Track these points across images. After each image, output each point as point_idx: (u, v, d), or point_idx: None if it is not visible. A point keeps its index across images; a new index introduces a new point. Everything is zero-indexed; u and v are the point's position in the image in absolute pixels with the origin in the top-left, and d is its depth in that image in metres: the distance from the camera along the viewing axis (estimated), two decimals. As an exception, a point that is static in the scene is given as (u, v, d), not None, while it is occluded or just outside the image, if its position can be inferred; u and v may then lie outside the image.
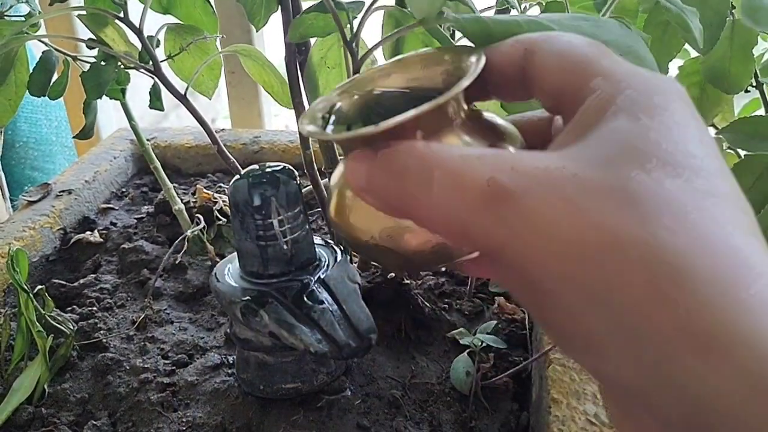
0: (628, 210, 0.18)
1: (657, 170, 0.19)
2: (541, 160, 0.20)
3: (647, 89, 0.21)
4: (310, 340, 0.40)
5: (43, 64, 0.53)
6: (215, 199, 0.67)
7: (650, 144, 0.20)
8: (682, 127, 0.20)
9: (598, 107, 0.21)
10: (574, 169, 0.19)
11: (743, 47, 0.48)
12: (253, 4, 0.42)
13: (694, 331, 0.17)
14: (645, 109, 0.20)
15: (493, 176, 0.19)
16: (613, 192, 0.19)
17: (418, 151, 0.21)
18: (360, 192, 0.23)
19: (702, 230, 0.18)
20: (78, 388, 0.49)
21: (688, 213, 0.18)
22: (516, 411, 0.46)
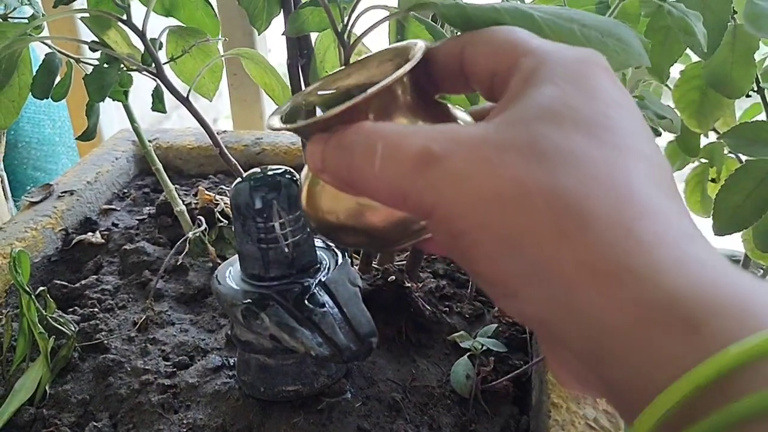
0: (537, 163, 0.20)
1: (568, 128, 0.21)
2: (468, 129, 0.22)
3: (567, 60, 0.23)
4: (311, 343, 0.40)
5: (46, 67, 0.53)
6: (217, 201, 0.67)
7: (565, 106, 0.21)
8: (598, 92, 0.22)
9: (523, 80, 0.23)
10: (494, 131, 0.22)
11: (745, 52, 0.48)
12: (255, 8, 0.43)
13: (593, 267, 0.19)
14: (563, 77, 0.22)
15: (425, 144, 0.22)
16: (525, 148, 0.21)
17: (364, 128, 0.23)
18: (318, 173, 0.25)
19: (605, 178, 0.20)
20: (79, 389, 0.49)
21: (594, 164, 0.20)
22: (516, 415, 0.46)
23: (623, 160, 0.21)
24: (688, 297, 0.18)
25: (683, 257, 0.19)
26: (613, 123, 0.21)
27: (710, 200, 0.64)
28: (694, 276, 0.18)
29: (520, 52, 0.24)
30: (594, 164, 0.20)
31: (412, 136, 0.22)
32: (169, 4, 0.54)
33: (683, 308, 0.18)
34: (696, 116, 0.55)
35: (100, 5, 0.50)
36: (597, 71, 0.23)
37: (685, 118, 0.56)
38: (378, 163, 0.22)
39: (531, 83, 0.23)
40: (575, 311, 0.19)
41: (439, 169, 0.21)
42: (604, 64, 0.23)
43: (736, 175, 0.46)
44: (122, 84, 0.56)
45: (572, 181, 0.20)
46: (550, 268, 0.19)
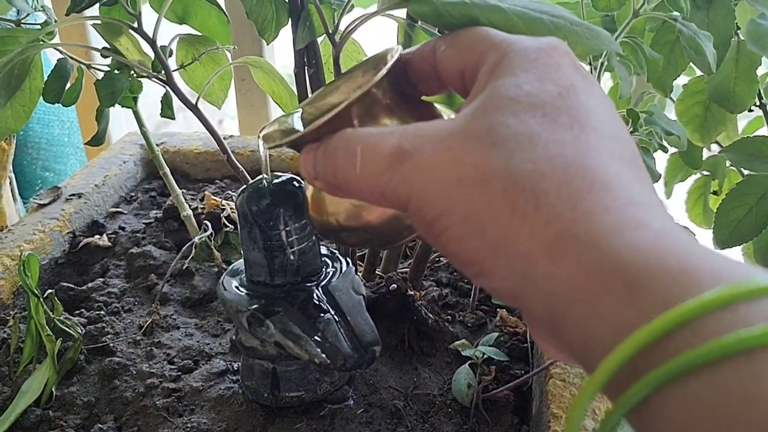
0: (494, 149, 0.22)
1: (524, 113, 0.22)
2: (436, 125, 0.24)
3: (528, 50, 0.24)
4: (314, 350, 0.40)
5: (58, 72, 0.53)
6: (223, 206, 0.68)
7: (522, 93, 0.23)
8: (555, 76, 0.23)
9: (487, 74, 0.25)
10: (457, 124, 0.23)
11: (748, 68, 0.49)
12: (264, 20, 0.43)
13: (544, 239, 0.20)
14: (522, 66, 0.24)
15: (397, 143, 0.23)
16: (484, 136, 0.22)
17: (345, 134, 0.25)
18: (311, 180, 0.27)
19: (558, 158, 0.21)
20: (85, 391, 0.50)
21: (548, 146, 0.22)
22: (516, 424, 0.46)
23: (576, 138, 0.22)
24: (628, 260, 0.19)
25: (626, 223, 0.20)
26: (567, 104, 0.23)
27: (712, 212, 0.64)
28: (636, 240, 0.19)
29: (486, 48, 0.25)
30: (547, 145, 0.22)
31: (387, 137, 0.24)
32: (182, 12, 0.55)
33: (623, 271, 0.19)
34: (699, 130, 0.56)
35: (112, 13, 0.51)
36: (556, 57, 0.24)
37: (688, 131, 0.56)
38: (358, 165, 0.24)
39: (493, 76, 0.24)
40: (533, 282, 0.20)
41: (410, 163, 0.23)
42: (565, 49, 0.25)
43: (737, 189, 0.46)
44: (132, 90, 0.57)
45: (526, 164, 0.21)
46: (510, 245, 0.21)
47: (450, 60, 0.27)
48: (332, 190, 0.27)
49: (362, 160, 0.24)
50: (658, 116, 0.44)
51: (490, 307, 0.58)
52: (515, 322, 0.55)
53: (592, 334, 0.19)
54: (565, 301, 0.20)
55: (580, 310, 0.19)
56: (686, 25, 0.38)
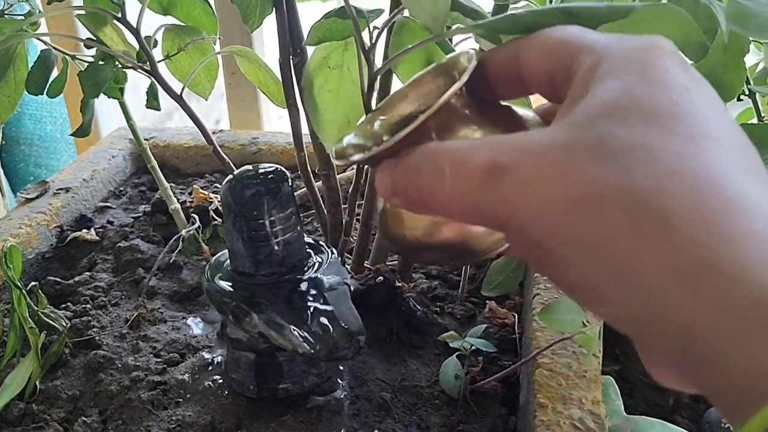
0: (608, 163, 0.19)
1: (636, 122, 0.20)
2: (533, 135, 0.22)
3: (628, 51, 0.22)
4: (298, 341, 0.40)
5: (41, 63, 0.53)
6: (211, 199, 0.67)
7: (630, 99, 0.20)
8: (664, 79, 0.21)
9: (585, 78, 0.22)
10: (560, 135, 0.21)
11: (736, 55, 0.48)
12: (248, 6, 0.43)
13: (676, 267, 0.18)
14: (626, 69, 0.21)
15: (491, 157, 0.21)
16: (593, 148, 0.20)
17: (429, 149, 0.23)
18: (390, 198, 0.25)
19: (683, 172, 0.19)
20: (69, 385, 0.50)
21: (670, 159, 0.19)
22: (504, 415, 0.46)
23: (699, 148, 0.19)
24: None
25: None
26: (682, 110, 0.20)
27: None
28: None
29: (577, 49, 0.23)
30: (668, 158, 0.19)
31: (478, 150, 0.22)
32: (167, 2, 0.54)
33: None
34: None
35: (96, 2, 0.50)
36: (661, 56, 0.22)
37: (678, 121, 0.55)
38: (447, 182, 0.22)
39: (593, 80, 0.22)
40: (662, 314, 0.18)
41: (508, 180, 0.21)
42: (669, 48, 0.22)
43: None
44: (117, 81, 0.56)
45: (647, 180, 0.19)
46: (632, 272, 0.19)
47: (537, 63, 0.25)
48: (415, 208, 0.25)
49: (452, 177, 0.22)
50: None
51: (480, 299, 0.58)
52: (504, 313, 0.54)
53: (736, 378, 0.17)
54: (704, 339, 0.18)
55: (722, 351, 0.17)
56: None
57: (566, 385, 0.42)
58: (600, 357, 0.44)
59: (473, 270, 0.60)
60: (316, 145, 0.52)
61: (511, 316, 0.54)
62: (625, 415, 0.47)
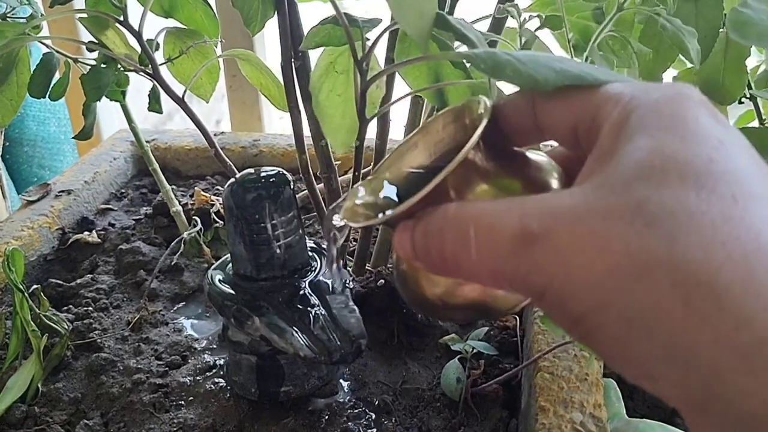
0: (651, 232, 0.18)
1: (676, 185, 0.19)
2: (564, 198, 0.20)
3: (657, 103, 0.21)
4: (300, 344, 0.40)
5: (43, 66, 0.53)
6: (212, 202, 0.68)
7: (666, 159, 0.19)
8: (698, 133, 0.20)
9: (613, 133, 0.21)
10: (595, 199, 0.20)
11: (736, 59, 0.49)
12: (250, 10, 0.43)
13: (735, 347, 0.17)
14: (657, 124, 0.20)
15: (522, 223, 0.20)
16: (635, 216, 0.19)
17: (452, 213, 0.22)
18: (410, 260, 0.24)
19: (730, 240, 0.18)
20: (71, 387, 0.50)
21: (715, 225, 0.18)
22: (505, 418, 0.46)
23: (744, 211, 0.18)
24: None
25: None
26: (720, 167, 0.19)
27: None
28: None
29: (602, 100, 0.22)
30: (713, 225, 0.18)
31: (505, 215, 0.21)
32: (168, 6, 0.54)
33: None
34: (690, 123, 0.55)
35: (98, 6, 0.51)
36: (692, 108, 0.20)
37: (678, 124, 0.56)
38: (474, 249, 0.21)
39: (623, 136, 0.21)
40: (722, 396, 0.17)
41: (542, 249, 0.20)
42: (698, 97, 0.21)
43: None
44: (119, 84, 0.56)
45: (694, 250, 0.18)
46: (687, 351, 0.17)
47: (556, 114, 0.23)
48: (438, 271, 0.24)
49: (478, 244, 0.21)
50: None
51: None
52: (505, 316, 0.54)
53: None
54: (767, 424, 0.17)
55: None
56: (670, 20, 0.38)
57: (567, 388, 0.42)
58: (601, 360, 0.44)
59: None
60: (317, 148, 0.52)
61: (512, 319, 0.54)
62: (627, 418, 0.47)
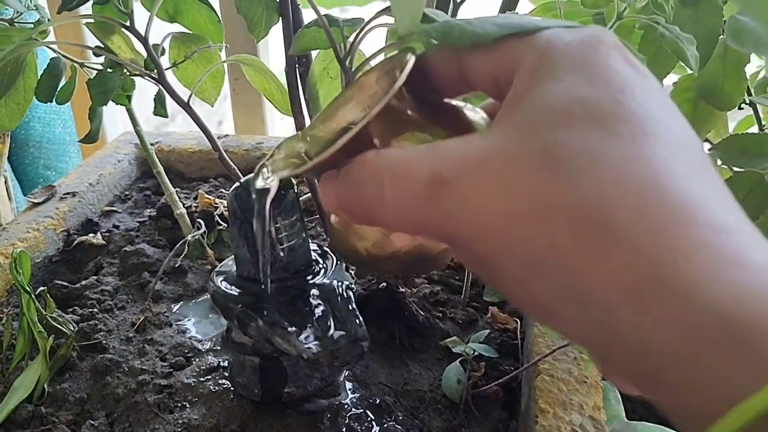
0: (552, 174, 0.18)
1: (580, 127, 0.19)
2: (474, 143, 0.21)
3: (569, 47, 0.21)
4: (302, 346, 0.41)
5: (50, 71, 0.54)
6: (216, 204, 0.68)
7: (573, 102, 0.19)
8: (606, 76, 0.20)
9: (526, 78, 0.21)
10: (502, 144, 0.20)
11: (736, 65, 0.49)
12: (254, 16, 0.43)
13: (625, 285, 0.17)
14: (567, 67, 0.20)
15: (432, 169, 0.20)
16: (538, 159, 0.19)
17: (368, 161, 0.22)
18: (334, 211, 0.24)
19: (627, 180, 0.18)
20: (77, 388, 0.50)
21: (612, 165, 0.18)
22: (505, 420, 0.47)
23: (642, 150, 0.18)
24: (732, 311, 0.16)
25: (721, 261, 0.17)
26: (625, 109, 0.19)
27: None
28: (737, 284, 0.16)
29: (521, 48, 0.22)
30: (611, 164, 0.18)
31: (418, 162, 0.21)
32: (173, 10, 0.55)
33: (728, 326, 0.16)
34: (689, 127, 0.56)
35: (104, 11, 0.51)
36: (603, 52, 0.21)
37: (678, 129, 0.56)
38: (388, 197, 0.21)
39: (533, 81, 0.21)
40: (616, 332, 0.18)
41: (451, 195, 0.20)
42: (612, 41, 0.21)
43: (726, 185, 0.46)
44: (125, 88, 0.57)
45: (590, 190, 0.18)
46: (581, 289, 0.18)
47: (479, 63, 0.23)
48: (359, 221, 0.24)
49: (392, 192, 0.21)
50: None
51: (481, 304, 0.58)
52: (505, 318, 0.55)
53: (693, 396, 0.17)
54: (658, 358, 0.17)
55: (678, 370, 0.17)
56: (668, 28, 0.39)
57: (567, 390, 0.42)
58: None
59: (475, 275, 0.61)
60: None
61: (512, 321, 0.55)
62: (626, 420, 0.47)
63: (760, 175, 0.46)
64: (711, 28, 0.46)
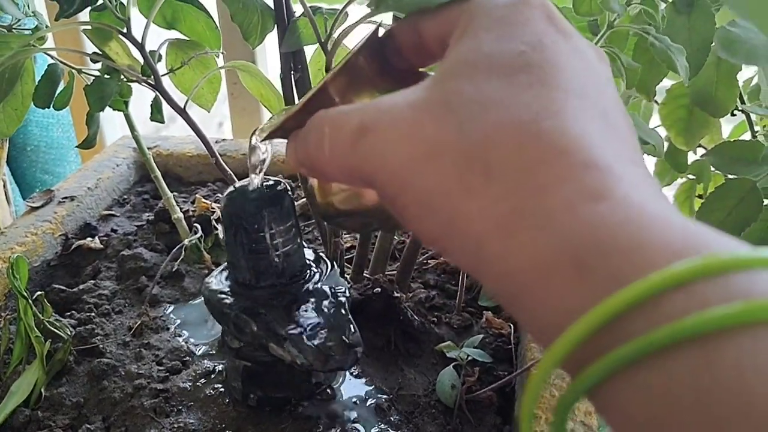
0: (447, 119, 0.20)
1: (481, 78, 0.20)
2: (398, 96, 0.22)
3: (492, 8, 0.22)
4: (296, 352, 0.41)
5: (48, 77, 0.54)
6: (213, 209, 0.69)
7: (479, 55, 0.21)
8: (517, 33, 0.21)
9: (454, 38, 0.23)
10: (415, 94, 0.22)
11: (728, 73, 0.49)
12: (249, 24, 0.44)
13: (497, 217, 0.19)
14: (486, 26, 0.22)
15: (360, 119, 0.22)
16: (439, 107, 0.21)
17: (318, 115, 0.24)
18: (296, 167, 0.26)
19: (510, 123, 0.19)
20: (74, 392, 0.51)
21: (500, 109, 0.20)
22: (499, 424, 0.47)
23: (534, 98, 0.20)
24: (578, 237, 0.17)
25: (581, 194, 0.18)
26: (528, 61, 0.20)
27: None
28: (589, 214, 0.18)
29: (460, 11, 0.24)
30: (501, 110, 0.20)
31: (353, 114, 0.22)
32: (171, 17, 0.56)
33: (572, 250, 0.17)
34: (683, 134, 0.56)
35: (102, 18, 0.52)
36: (525, 11, 0.22)
37: (672, 135, 0.57)
38: (326, 145, 0.23)
39: (457, 39, 0.22)
40: (486, 262, 0.19)
41: (369, 140, 0.22)
42: (540, 2, 0.22)
43: (717, 192, 0.47)
44: (122, 94, 0.57)
45: (476, 133, 0.20)
46: (461, 224, 0.20)
47: (430, 27, 0.25)
48: (312, 174, 0.26)
49: (329, 141, 0.23)
50: (636, 124, 0.44)
51: (476, 309, 0.58)
52: (500, 324, 0.55)
53: (544, 318, 0.18)
54: (516, 283, 0.19)
55: (532, 294, 0.18)
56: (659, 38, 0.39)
57: (559, 396, 0.42)
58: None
59: (471, 280, 0.61)
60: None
61: (507, 326, 0.55)
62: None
63: (752, 182, 0.46)
64: (703, 36, 0.47)
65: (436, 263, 0.64)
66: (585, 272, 0.17)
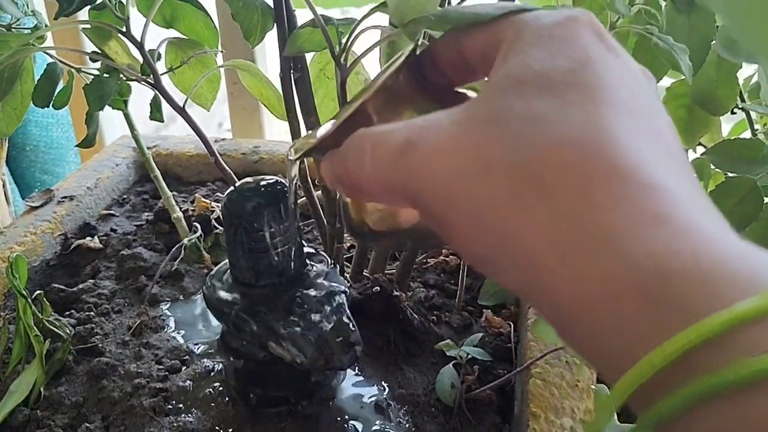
0: (499, 137, 0.20)
1: (531, 94, 0.20)
2: (445, 113, 0.22)
3: (544, 26, 0.22)
4: (296, 351, 0.41)
5: (47, 76, 0.54)
6: (213, 208, 0.68)
7: (530, 72, 0.21)
8: (569, 51, 0.21)
9: (502, 55, 0.23)
10: (463, 110, 0.21)
11: (729, 72, 0.49)
12: (249, 23, 0.44)
13: (551, 237, 0.18)
14: (536, 43, 0.22)
15: (405, 136, 0.22)
16: (488, 122, 0.20)
17: (358, 134, 0.24)
18: (333, 185, 0.25)
19: (568, 142, 0.19)
20: (73, 391, 0.50)
21: (555, 128, 0.19)
22: (498, 424, 0.47)
23: (587, 117, 0.19)
24: (641, 263, 0.17)
25: (642, 216, 0.18)
26: (580, 79, 0.20)
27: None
28: (651, 238, 0.17)
29: (505, 26, 0.24)
30: (554, 128, 0.19)
31: (396, 131, 0.22)
32: (170, 16, 0.56)
33: (635, 276, 0.17)
34: (683, 132, 0.56)
35: (101, 17, 0.52)
36: (573, 28, 0.22)
37: (672, 134, 0.56)
38: (367, 161, 0.23)
39: (505, 55, 0.22)
40: (540, 282, 0.19)
41: (415, 155, 0.21)
42: (587, 19, 0.22)
43: (718, 191, 0.47)
44: (121, 93, 0.57)
45: (530, 151, 0.19)
46: (514, 242, 0.19)
47: (472, 41, 0.25)
48: (350, 192, 0.25)
49: (371, 158, 0.23)
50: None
51: (476, 308, 0.58)
52: (500, 323, 0.55)
53: (605, 344, 0.17)
54: (574, 306, 0.18)
55: (591, 318, 0.18)
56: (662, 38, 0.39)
57: (559, 395, 0.42)
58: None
59: (470, 279, 0.61)
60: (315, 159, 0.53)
61: (506, 325, 0.55)
62: (618, 424, 0.47)
63: (752, 180, 0.46)
64: (704, 35, 0.47)
65: (436, 263, 0.64)
66: (652, 301, 0.17)
